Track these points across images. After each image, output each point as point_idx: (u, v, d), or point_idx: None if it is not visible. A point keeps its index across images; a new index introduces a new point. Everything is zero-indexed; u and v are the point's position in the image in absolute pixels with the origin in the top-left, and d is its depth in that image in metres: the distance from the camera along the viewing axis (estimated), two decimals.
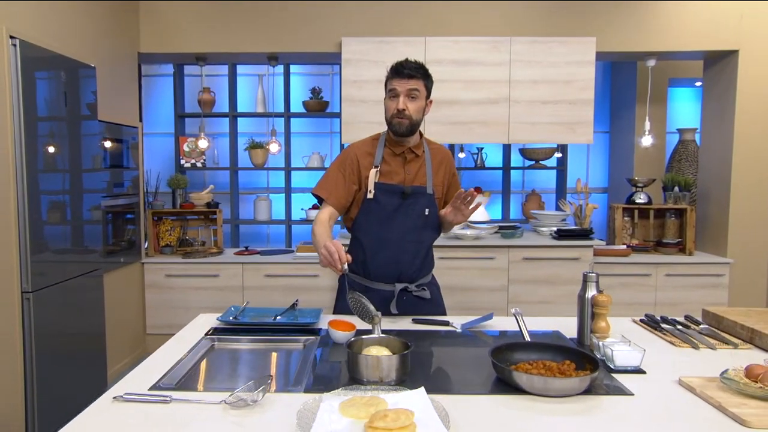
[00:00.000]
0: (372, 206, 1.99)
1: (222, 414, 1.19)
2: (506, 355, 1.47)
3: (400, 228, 1.99)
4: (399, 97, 1.91)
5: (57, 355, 2.71)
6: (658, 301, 3.93)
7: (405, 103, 1.91)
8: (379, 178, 1.99)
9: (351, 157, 2.03)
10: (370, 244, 2.01)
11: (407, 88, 1.91)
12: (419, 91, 1.92)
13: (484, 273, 3.73)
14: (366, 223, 2.01)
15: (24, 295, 2.51)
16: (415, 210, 1.99)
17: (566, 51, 3.74)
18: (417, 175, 2.02)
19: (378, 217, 1.99)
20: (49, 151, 2.71)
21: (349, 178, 2.00)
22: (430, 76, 1.97)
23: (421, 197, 2.00)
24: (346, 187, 2.00)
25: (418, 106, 1.94)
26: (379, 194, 1.98)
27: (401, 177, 2.00)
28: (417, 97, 1.92)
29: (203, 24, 3.82)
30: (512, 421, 1.18)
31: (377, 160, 2.00)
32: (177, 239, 4.00)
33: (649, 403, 1.26)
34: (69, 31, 2.99)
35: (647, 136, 4.09)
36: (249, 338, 1.74)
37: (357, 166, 2.01)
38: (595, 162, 5.41)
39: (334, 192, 2.00)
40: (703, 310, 1.93)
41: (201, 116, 4.38)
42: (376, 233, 2.00)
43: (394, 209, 1.98)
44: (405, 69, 1.90)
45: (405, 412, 1.10)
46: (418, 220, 2.00)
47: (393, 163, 2.01)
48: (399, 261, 2.00)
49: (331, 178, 2.02)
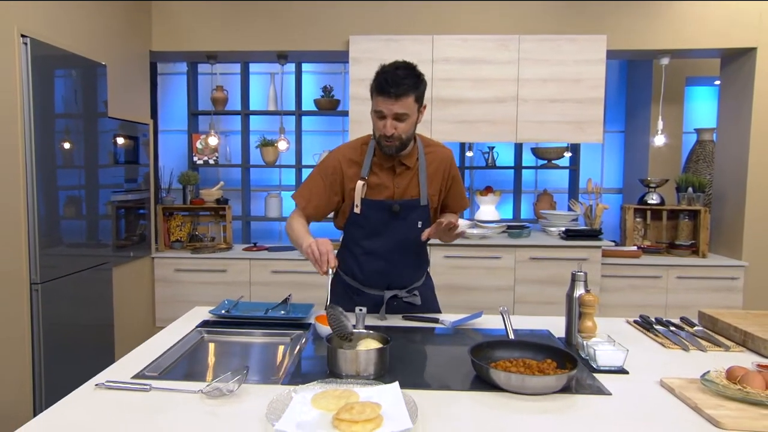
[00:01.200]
0: (360, 221, 1.88)
1: (198, 403, 1.22)
2: (488, 352, 1.47)
3: (390, 241, 1.89)
4: (386, 120, 1.73)
5: (65, 346, 2.78)
6: (669, 304, 3.86)
7: (393, 126, 1.73)
8: (367, 193, 1.85)
9: (334, 165, 1.87)
10: (359, 253, 1.93)
11: (394, 112, 1.71)
12: (408, 114, 1.73)
13: (491, 272, 3.71)
14: (354, 235, 1.94)
15: (33, 286, 2.58)
16: (406, 224, 1.88)
17: (576, 49, 3.69)
18: (409, 186, 1.87)
19: (366, 231, 1.90)
20: (59, 147, 2.79)
21: (330, 188, 1.87)
22: (421, 81, 1.75)
23: (413, 211, 1.88)
24: (327, 197, 1.88)
25: (409, 124, 1.75)
26: (367, 210, 1.86)
27: (390, 191, 1.86)
28: (405, 119, 1.73)
29: (214, 23, 3.88)
30: (484, 417, 1.18)
31: (364, 172, 1.85)
32: (187, 235, 4.07)
33: (625, 403, 1.25)
34: (81, 30, 3.06)
35: (660, 136, 4.02)
36: (239, 331, 1.77)
37: (341, 177, 1.86)
38: (609, 162, 5.33)
39: (312, 201, 1.87)
40: (699, 312, 1.90)
41: (211, 114, 4.44)
42: (364, 245, 1.92)
43: (384, 224, 1.87)
44: (391, 88, 1.68)
45: (371, 405, 1.11)
46: (409, 233, 1.89)
47: (382, 175, 1.86)
48: (389, 273, 1.94)
49: (312, 185, 1.89)
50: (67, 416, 1.16)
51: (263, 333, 1.76)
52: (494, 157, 4.76)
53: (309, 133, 4.86)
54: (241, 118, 4.62)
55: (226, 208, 4.07)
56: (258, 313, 1.89)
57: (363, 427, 1.06)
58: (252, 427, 1.11)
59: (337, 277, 2.00)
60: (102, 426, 1.12)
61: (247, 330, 1.77)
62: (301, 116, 4.62)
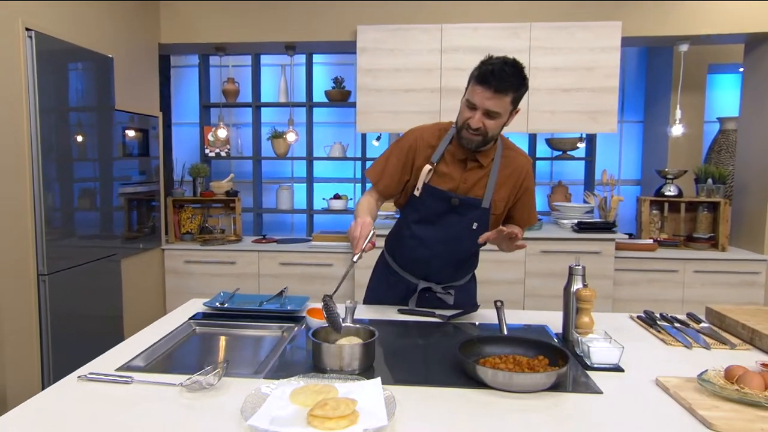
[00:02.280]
0: (417, 204, 1.84)
1: (177, 396, 1.21)
2: (479, 348, 1.44)
3: (440, 233, 1.83)
4: (476, 112, 1.64)
5: (73, 337, 2.83)
6: (686, 299, 3.75)
7: (481, 121, 1.65)
8: (432, 179, 1.79)
9: (410, 143, 1.83)
10: (407, 236, 1.89)
11: (486, 108, 1.62)
12: (500, 114, 1.64)
13: (500, 266, 3.65)
14: (408, 216, 1.89)
15: (40, 277, 2.62)
16: (462, 221, 1.81)
17: (589, 36, 3.59)
18: (476, 185, 1.80)
19: (419, 216, 1.85)
20: (65, 139, 2.81)
21: (403, 167, 1.83)
22: (525, 84, 1.64)
23: (473, 210, 1.80)
24: (399, 175, 1.83)
25: (498, 123, 1.67)
26: (426, 196, 1.81)
27: (455, 183, 1.79)
28: (496, 118, 1.65)
29: (222, 14, 3.87)
30: (465, 414, 1.14)
31: (435, 157, 1.79)
32: (198, 227, 4.09)
33: (616, 403, 1.20)
34: (87, 23, 3.08)
35: (678, 126, 3.89)
36: (231, 324, 1.76)
37: (413, 155, 1.82)
38: (627, 153, 5.19)
39: (384, 178, 1.84)
40: (707, 308, 1.82)
41: (219, 106, 4.45)
42: (414, 230, 1.86)
43: (438, 215, 1.82)
44: (493, 81, 1.57)
45: (346, 401, 1.08)
46: (462, 232, 1.81)
47: (452, 166, 1.79)
48: (430, 264, 1.88)
49: (387, 161, 1.85)
50: (45, 407, 1.16)
51: (255, 326, 1.74)
52: None
53: (320, 125, 4.84)
54: (252, 110, 4.62)
55: (236, 200, 4.08)
56: (252, 306, 1.87)
57: (336, 423, 1.04)
58: (227, 422, 1.10)
59: (380, 255, 2.04)
60: (78, 418, 1.12)
61: (239, 322, 1.76)
62: (312, 108, 4.60)
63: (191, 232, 4.06)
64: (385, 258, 2.03)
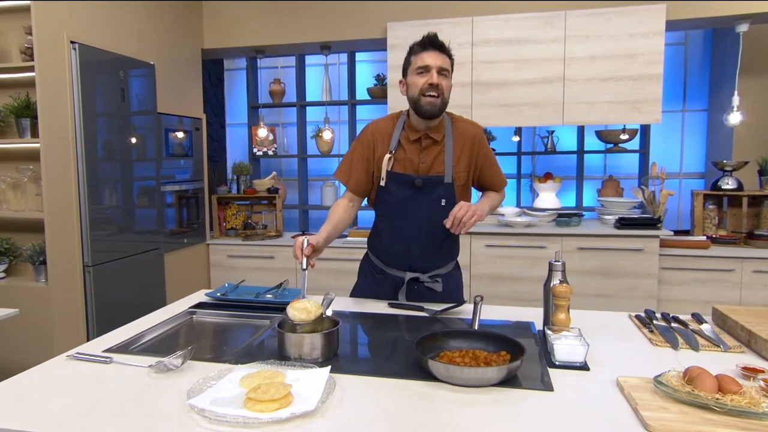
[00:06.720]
0: (384, 195, 1.91)
1: (143, 376, 1.30)
2: (443, 342, 1.43)
3: (412, 218, 1.90)
4: (432, 71, 1.76)
5: (118, 323, 3.06)
6: (744, 301, 3.47)
7: (439, 79, 1.76)
8: (393, 166, 1.88)
9: (369, 136, 1.93)
10: (384, 229, 1.97)
11: (439, 65, 1.76)
12: (449, 72, 1.80)
13: (535, 263, 3.55)
14: (380, 209, 1.97)
15: (86, 268, 2.87)
16: (429, 201, 1.88)
17: (629, 21, 3.40)
18: (434, 162, 1.87)
19: (390, 205, 1.92)
20: (107, 142, 3.06)
21: (367, 161, 1.92)
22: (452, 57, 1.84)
23: (437, 187, 1.87)
24: (365, 170, 1.92)
25: (449, 84, 1.81)
26: (391, 183, 1.89)
27: (415, 165, 1.87)
28: (447, 76, 1.79)
29: (260, 19, 4.04)
30: (401, 403, 1.15)
31: (393, 145, 1.88)
32: (242, 223, 4.29)
33: (563, 400, 1.16)
34: (129, 33, 3.32)
35: (736, 113, 3.60)
36: (228, 314, 1.85)
37: (373, 147, 1.92)
38: (690, 144, 4.85)
39: (353, 175, 1.93)
40: (713, 309, 1.70)
41: (260, 107, 4.63)
42: (389, 220, 1.94)
43: (407, 199, 1.89)
44: (435, 43, 1.77)
45: (277, 386, 1.13)
46: (431, 211, 1.88)
47: (409, 149, 1.88)
48: (410, 251, 1.93)
49: (352, 158, 1.94)
50: (27, 382, 1.29)
51: (249, 316, 1.83)
52: (554, 141, 4.52)
53: (364, 123, 4.90)
54: (296, 110, 4.77)
55: (277, 197, 4.24)
56: (250, 297, 1.96)
57: (266, 406, 1.09)
58: (175, 400, 1.17)
59: (364, 255, 2.11)
60: (51, 390, 1.23)
61: (236, 312, 1.85)
62: (355, 105, 4.68)
63: (235, 228, 4.26)
64: (369, 258, 2.08)
